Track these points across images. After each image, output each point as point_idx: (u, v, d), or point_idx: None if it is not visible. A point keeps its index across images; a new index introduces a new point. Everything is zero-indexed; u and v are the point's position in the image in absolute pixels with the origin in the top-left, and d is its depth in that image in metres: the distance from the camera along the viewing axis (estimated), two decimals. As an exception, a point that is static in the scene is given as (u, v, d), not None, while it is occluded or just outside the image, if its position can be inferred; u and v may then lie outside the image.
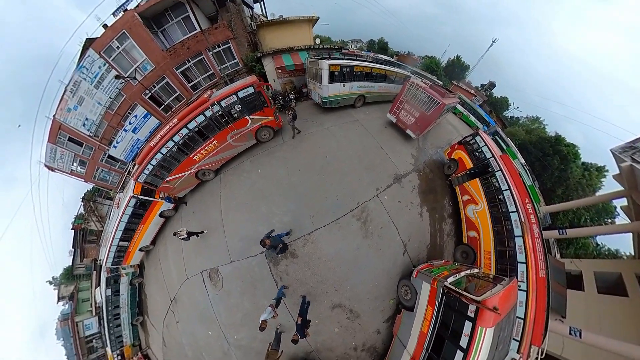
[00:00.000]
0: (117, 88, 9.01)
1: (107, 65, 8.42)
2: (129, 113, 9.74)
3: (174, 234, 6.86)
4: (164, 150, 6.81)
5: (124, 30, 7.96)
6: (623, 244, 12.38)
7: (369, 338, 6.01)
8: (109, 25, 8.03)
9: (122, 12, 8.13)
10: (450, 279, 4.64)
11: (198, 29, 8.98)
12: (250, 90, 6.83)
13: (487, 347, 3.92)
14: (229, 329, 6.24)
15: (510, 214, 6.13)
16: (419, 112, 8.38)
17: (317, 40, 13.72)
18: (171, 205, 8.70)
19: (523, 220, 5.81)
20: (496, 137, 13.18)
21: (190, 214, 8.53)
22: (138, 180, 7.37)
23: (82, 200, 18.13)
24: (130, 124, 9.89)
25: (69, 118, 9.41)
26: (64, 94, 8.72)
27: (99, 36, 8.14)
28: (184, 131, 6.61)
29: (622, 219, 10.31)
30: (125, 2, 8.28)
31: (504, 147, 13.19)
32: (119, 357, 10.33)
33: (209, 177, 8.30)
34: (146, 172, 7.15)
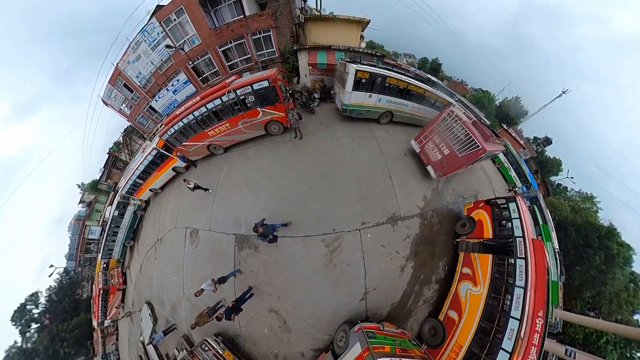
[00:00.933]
0: (167, 54, 10.48)
1: (164, 33, 9.83)
2: (173, 76, 11.29)
3: (184, 180, 8.05)
4: (185, 121, 8.06)
5: (181, 6, 9.15)
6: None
7: (291, 354, 6.06)
8: None
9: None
10: None
11: (243, 14, 9.73)
12: (265, 84, 7.27)
13: None
14: (188, 282, 7.55)
15: (510, 319, 4.70)
16: (449, 150, 7.09)
17: (363, 44, 13.22)
18: (183, 164, 10.21)
19: (522, 336, 4.40)
20: (534, 205, 11.06)
21: (195, 177, 9.92)
22: (162, 137, 8.90)
23: (122, 132, 21.60)
24: (172, 85, 11.49)
25: (128, 69, 11.30)
26: (127, 48, 10.47)
27: (164, 6, 9.47)
28: (203, 109, 7.70)
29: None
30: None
31: (540, 221, 10.25)
32: (105, 266, 12.82)
33: (218, 152, 9.50)
34: (169, 133, 8.57)
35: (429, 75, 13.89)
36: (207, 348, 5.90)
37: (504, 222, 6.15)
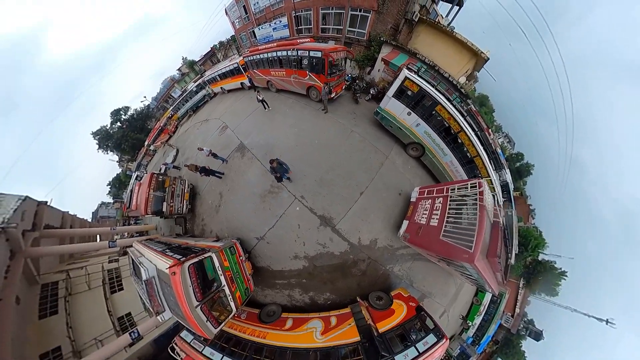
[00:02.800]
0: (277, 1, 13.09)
1: None
2: (278, 17, 14.11)
3: (257, 91, 10.97)
4: (261, 56, 11.17)
5: None
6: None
7: (210, 224, 8.82)
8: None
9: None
10: None
11: None
12: (319, 54, 8.89)
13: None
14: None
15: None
16: (437, 224, 5.79)
17: (462, 79, 11.60)
18: (248, 84, 13.87)
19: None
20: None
21: (253, 100, 13.11)
22: (244, 58, 12.39)
23: (228, 38, 27.26)
24: (275, 23, 14.46)
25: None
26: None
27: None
28: (274, 54, 10.51)
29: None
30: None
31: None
32: (170, 116, 19.65)
33: (272, 89, 12.68)
34: (249, 58, 11.91)
35: (504, 163, 8.82)
36: (180, 182, 10.08)
37: (407, 335, 5.36)
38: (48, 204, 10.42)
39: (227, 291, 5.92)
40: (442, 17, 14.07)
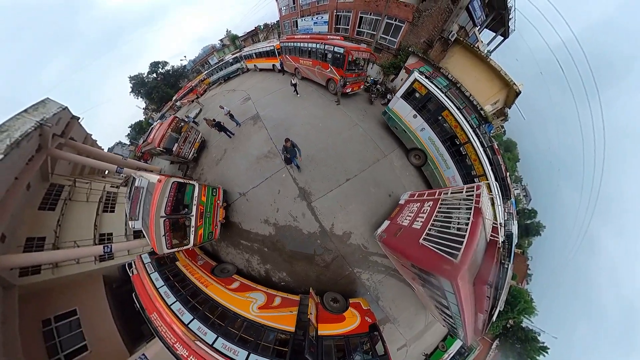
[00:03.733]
0: None
1: None
2: (321, 12, 15.31)
3: (293, 76, 12.39)
4: (294, 44, 12.41)
5: None
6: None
7: (210, 174, 9.71)
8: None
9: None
10: None
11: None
12: (341, 51, 9.93)
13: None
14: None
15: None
16: (420, 227, 5.00)
17: (489, 107, 11.19)
18: (279, 67, 15.06)
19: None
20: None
21: (279, 81, 14.39)
22: (280, 43, 13.64)
23: (273, 22, 29.66)
24: (316, 18, 15.70)
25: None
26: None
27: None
28: (305, 45, 11.68)
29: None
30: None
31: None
32: (202, 79, 21.88)
33: (298, 76, 13.70)
34: (283, 44, 13.21)
35: (514, 216, 9.08)
36: (195, 133, 11.34)
37: (347, 350, 4.96)
38: (79, 120, 11.95)
39: (193, 222, 6.62)
40: (482, 42, 14.31)
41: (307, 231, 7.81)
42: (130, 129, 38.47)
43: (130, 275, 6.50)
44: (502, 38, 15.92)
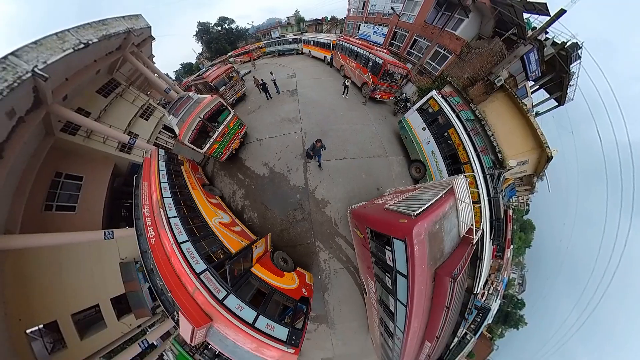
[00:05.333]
0: (391, 9, 15.81)
1: (405, 1, 15.04)
2: (383, 24, 17.02)
3: (346, 78, 13.92)
4: (346, 44, 14.31)
5: None
6: None
7: (255, 129, 11.90)
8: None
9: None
10: None
11: (444, 28, 12.88)
12: (380, 61, 11.64)
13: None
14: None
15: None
16: (387, 203, 5.12)
17: (513, 162, 9.78)
18: (328, 61, 17.08)
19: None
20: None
21: (324, 70, 16.37)
22: (336, 40, 15.76)
23: (340, 18, 32.12)
24: (377, 28, 17.42)
25: (377, 4, 17.66)
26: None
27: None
28: (354, 48, 13.55)
29: None
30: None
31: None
32: (260, 47, 24.70)
33: (341, 72, 15.46)
34: (339, 42, 15.25)
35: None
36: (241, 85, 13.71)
37: (265, 299, 4.94)
38: (153, 41, 14.51)
39: (214, 136, 8.44)
40: (530, 97, 13.79)
41: (293, 183, 9.14)
42: (180, 66, 42.60)
43: (144, 158, 8.20)
44: (557, 103, 15.06)
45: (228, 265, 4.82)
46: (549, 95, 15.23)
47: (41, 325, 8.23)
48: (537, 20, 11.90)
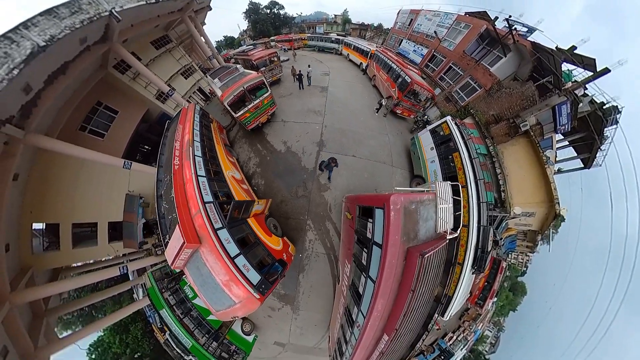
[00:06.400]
0: (434, 32, 16.59)
1: (451, 24, 15.69)
2: (423, 45, 17.77)
3: (385, 98, 14.41)
4: (383, 57, 15.21)
5: (476, 27, 14.09)
6: None
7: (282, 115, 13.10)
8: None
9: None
10: None
11: (480, 62, 13.53)
12: (408, 80, 12.53)
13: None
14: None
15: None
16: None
17: (518, 210, 10.17)
18: (363, 67, 17.75)
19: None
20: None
21: (357, 75, 17.38)
22: (374, 51, 16.47)
23: (384, 28, 32.93)
24: (418, 47, 18.22)
25: (423, 18, 18.36)
26: (439, 13, 17.26)
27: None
28: (390, 62, 14.47)
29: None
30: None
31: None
32: (298, 38, 25.72)
33: (371, 82, 16.47)
34: (377, 52, 16.16)
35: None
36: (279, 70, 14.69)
37: (248, 246, 6.01)
38: (209, 10, 15.99)
39: (249, 106, 9.81)
40: (554, 149, 13.04)
41: (304, 164, 10.34)
42: (223, 38, 44.64)
43: (183, 107, 9.31)
44: (582, 165, 13.78)
45: (232, 205, 5.65)
46: (576, 154, 14.20)
47: (44, 224, 9.46)
48: (580, 74, 11.58)
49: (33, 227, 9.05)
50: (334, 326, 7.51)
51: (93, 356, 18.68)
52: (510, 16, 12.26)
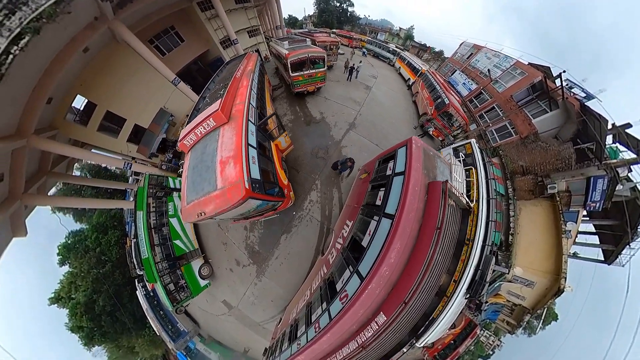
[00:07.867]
0: (487, 71, 17.23)
1: (504, 70, 16.32)
2: (473, 80, 18.42)
3: (427, 121, 15.34)
4: (432, 79, 15.93)
5: (534, 79, 14.35)
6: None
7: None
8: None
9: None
10: None
11: (523, 109, 13.99)
12: (446, 101, 13.17)
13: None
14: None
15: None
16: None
17: (518, 270, 9.25)
18: (410, 82, 18.64)
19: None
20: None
21: (400, 88, 18.25)
22: (426, 69, 17.19)
23: (442, 56, 33.31)
24: (468, 81, 18.87)
25: (482, 56, 19.14)
26: (497, 53, 17.92)
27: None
28: (435, 84, 15.26)
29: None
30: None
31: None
32: (361, 39, 27.15)
33: (412, 98, 17.09)
34: (426, 73, 17.29)
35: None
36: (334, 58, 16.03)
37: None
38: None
39: (304, 72, 11.62)
40: (577, 225, 11.05)
41: (332, 134, 11.76)
42: (287, 16, 47.08)
43: (252, 52, 11.21)
44: (602, 258, 11.83)
45: (270, 116, 7.21)
46: (598, 243, 12.25)
47: (86, 100, 10.53)
48: (627, 152, 10.41)
49: (75, 98, 9.98)
50: (294, 307, 6.50)
51: (69, 241, 20.62)
52: (564, 71, 12.26)
